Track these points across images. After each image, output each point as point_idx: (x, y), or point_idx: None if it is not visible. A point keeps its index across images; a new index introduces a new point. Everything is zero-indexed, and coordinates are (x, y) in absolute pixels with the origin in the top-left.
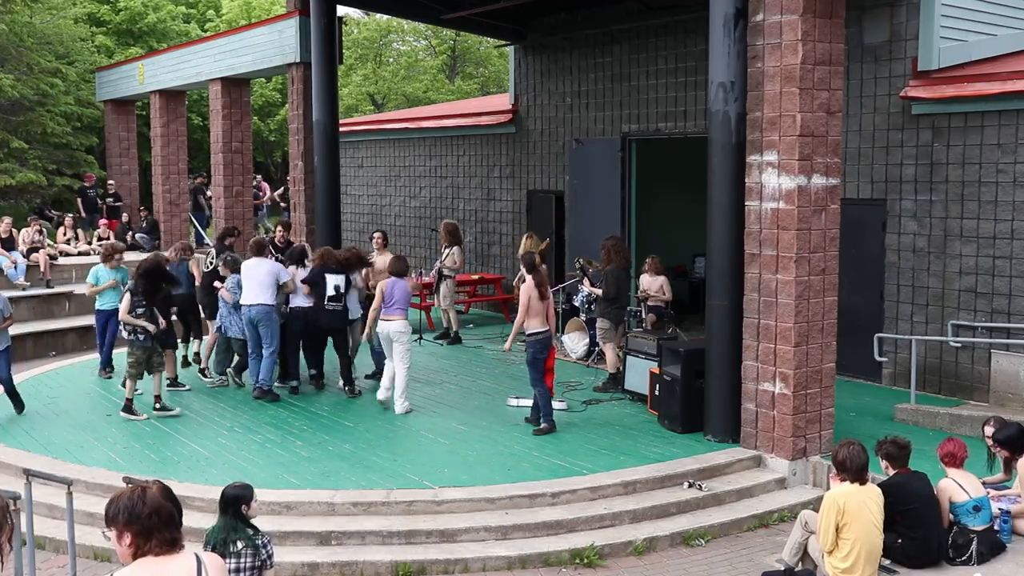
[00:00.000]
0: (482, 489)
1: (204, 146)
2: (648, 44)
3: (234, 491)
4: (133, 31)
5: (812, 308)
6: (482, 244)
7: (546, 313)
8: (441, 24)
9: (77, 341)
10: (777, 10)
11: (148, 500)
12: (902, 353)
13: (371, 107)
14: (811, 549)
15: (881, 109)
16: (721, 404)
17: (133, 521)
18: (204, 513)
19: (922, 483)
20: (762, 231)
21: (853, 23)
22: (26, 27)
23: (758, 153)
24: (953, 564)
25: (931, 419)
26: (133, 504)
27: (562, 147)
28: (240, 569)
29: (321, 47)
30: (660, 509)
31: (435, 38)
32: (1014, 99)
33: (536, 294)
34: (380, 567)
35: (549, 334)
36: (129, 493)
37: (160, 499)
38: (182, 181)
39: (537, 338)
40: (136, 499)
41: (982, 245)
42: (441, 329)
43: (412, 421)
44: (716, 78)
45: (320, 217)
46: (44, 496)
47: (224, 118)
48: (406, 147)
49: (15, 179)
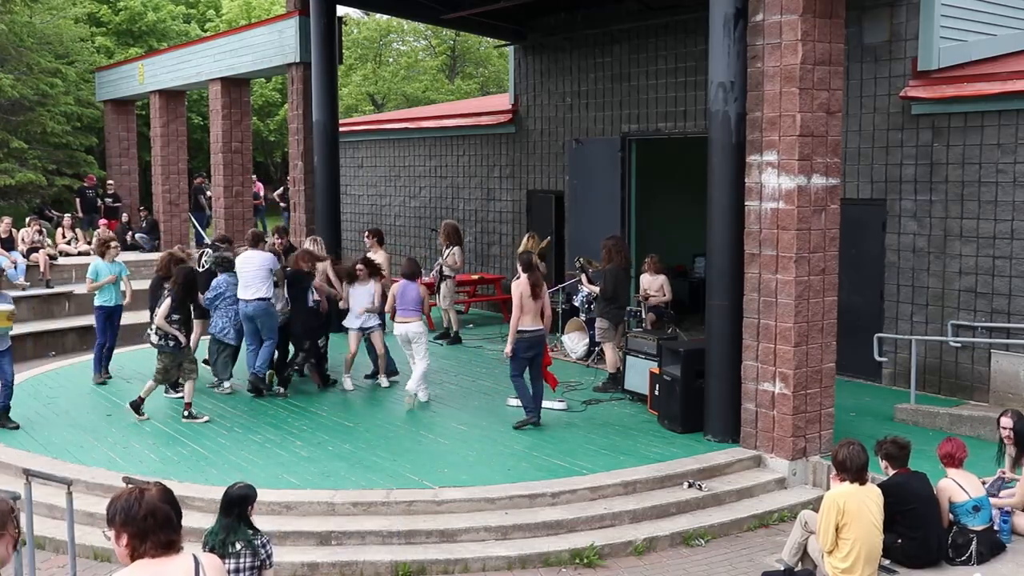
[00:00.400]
0: (482, 489)
1: (204, 146)
2: (648, 44)
3: (240, 491)
4: (133, 31)
5: (812, 308)
6: (482, 244)
7: (540, 311)
8: (441, 24)
9: (77, 341)
10: (777, 10)
11: (144, 502)
12: (902, 353)
13: (371, 107)
14: (811, 549)
15: (881, 109)
16: (721, 404)
17: (129, 523)
18: (204, 513)
19: (922, 483)
20: (762, 231)
21: (853, 23)
22: (26, 27)
23: (758, 153)
24: (953, 564)
25: (931, 419)
26: (129, 506)
27: (562, 147)
28: (239, 570)
29: (321, 47)
30: (660, 509)
31: (435, 38)
32: (1014, 99)
33: (528, 292)
34: (380, 567)
35: (540, 333)
36: (126, 495)
37: (156, 501)
38: (182, 181)
39: (522, 336)
40: (132, 501)
41: (982, 245)
42: (441, 329)
43: (412, 421)
44: (716, 78)
45: (320, 217)
46: (44, 496)
47: (224, 118)
48: (406, 147)
49: (15, 179)
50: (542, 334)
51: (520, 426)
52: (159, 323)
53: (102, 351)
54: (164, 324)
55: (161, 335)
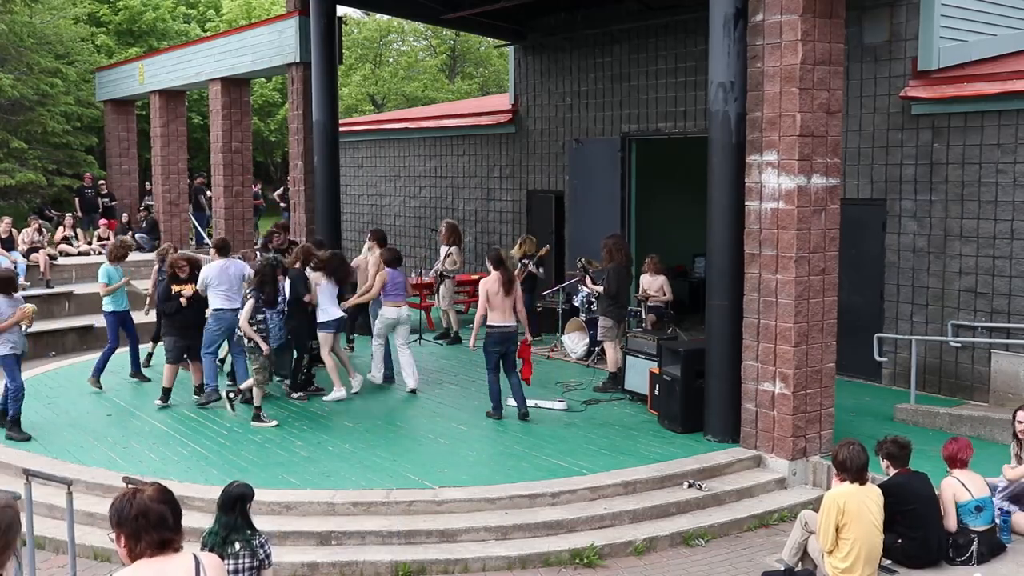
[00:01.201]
0: (482, 489)
1: (204, 146)
2: (648, 44)
3: (239, 489)
4: (133, 30)
5: (812, 308)
6: (482, 244)
7: (513, 307)
8: (441, 24)
9: (77, 341)
10: (777, 10)
11: (136, 503)
12: (902, 353)
13: (371, 107)
14: (811, 549)
15: (881, 109)
16: (721, 404)
17: (122, 523)
18: (204, 513)
19: (922, 483)
20: (762, 231)
21: (853, 23)
22: (26, 27)
23: (758, 153)
24: (953, 564)
25: (931, 419)
26: (121, 507)
27: (562, 147)
28: (239, 570)
29: (321, 47)
30: (660, 509)
31: (435, 38)
32: (1014, 99)
33: (495, 289)
34: (380, 567)
35: (510, 329)
36: (122, 495)
37: (149, 502)
38: (182, 181)
39: (493, 331)
40: (125, 502)
41: (982, 245)
42: (441, 329)
43: (412, 421)
44: (716, 78)
45: (320, 217)
46: (44, 496)
47: (224, 118)
48: (406, 147)
49: (15, 179)
50: (512, 329)
51: (489, 415)
52: (243, 326)
53: (110, 356)
54: (247, 328)
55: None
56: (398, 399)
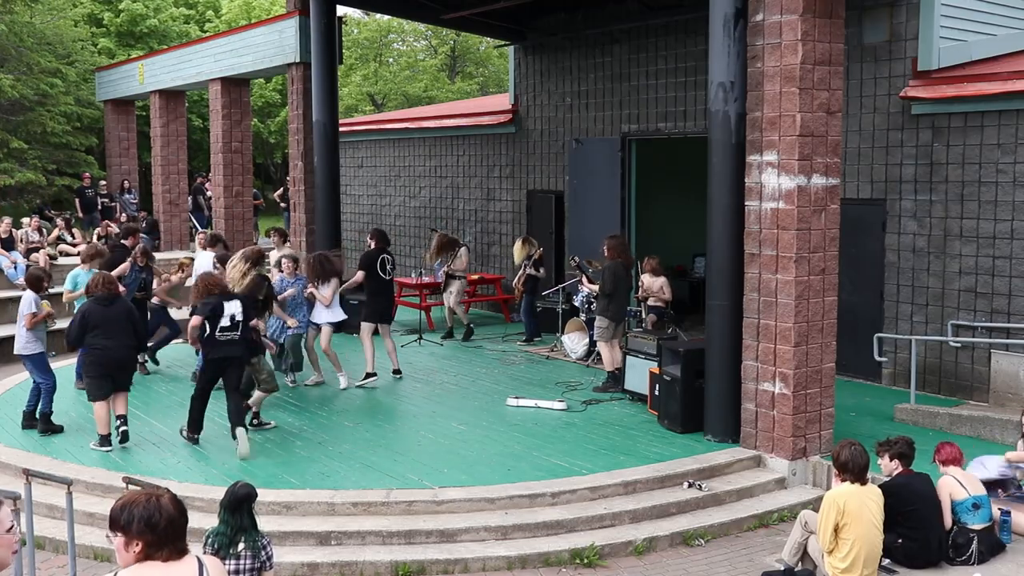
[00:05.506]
0: (482, 489)
1: (204, 146)
2: (648, 44)
3: (245, 489)
4: (134, 32)
5: (812, 308)
6: (482, 244)
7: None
8: (441, 24)
9: None
10: (777, 10)
11: (164, 511)
12: (902, 353)
13: (371, 107)
14: (811, 549)
15: (881, 109)
16: (721, 404)
17: (149, 531)
18: (204, 513)
19: (924, 484)
20: (762, 231)
21: (853, 23)
22: (26, 27)
23: (758, 153)
24: (953, 564)
25: (931, 419)
26: (150, 514)
27: (562, 147)
28: (240, 571)
29: (321, 47)
30: (660, 509)
31: (435, 38)
32: (1014, 99)
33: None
34: (380, 567)
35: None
36: (145, 502)
37: (173, 510)
38: (182, 181)
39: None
40: (153, 509)
41: (982, 245)
42: (444, 329)
43: (412, 421)
44: (716, 78)
45: (320, 217)
46: (44, 496)
47: (224, 118)
48: (406, 147)
49: (15, 179)
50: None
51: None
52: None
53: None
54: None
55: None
56: (398, 399)
